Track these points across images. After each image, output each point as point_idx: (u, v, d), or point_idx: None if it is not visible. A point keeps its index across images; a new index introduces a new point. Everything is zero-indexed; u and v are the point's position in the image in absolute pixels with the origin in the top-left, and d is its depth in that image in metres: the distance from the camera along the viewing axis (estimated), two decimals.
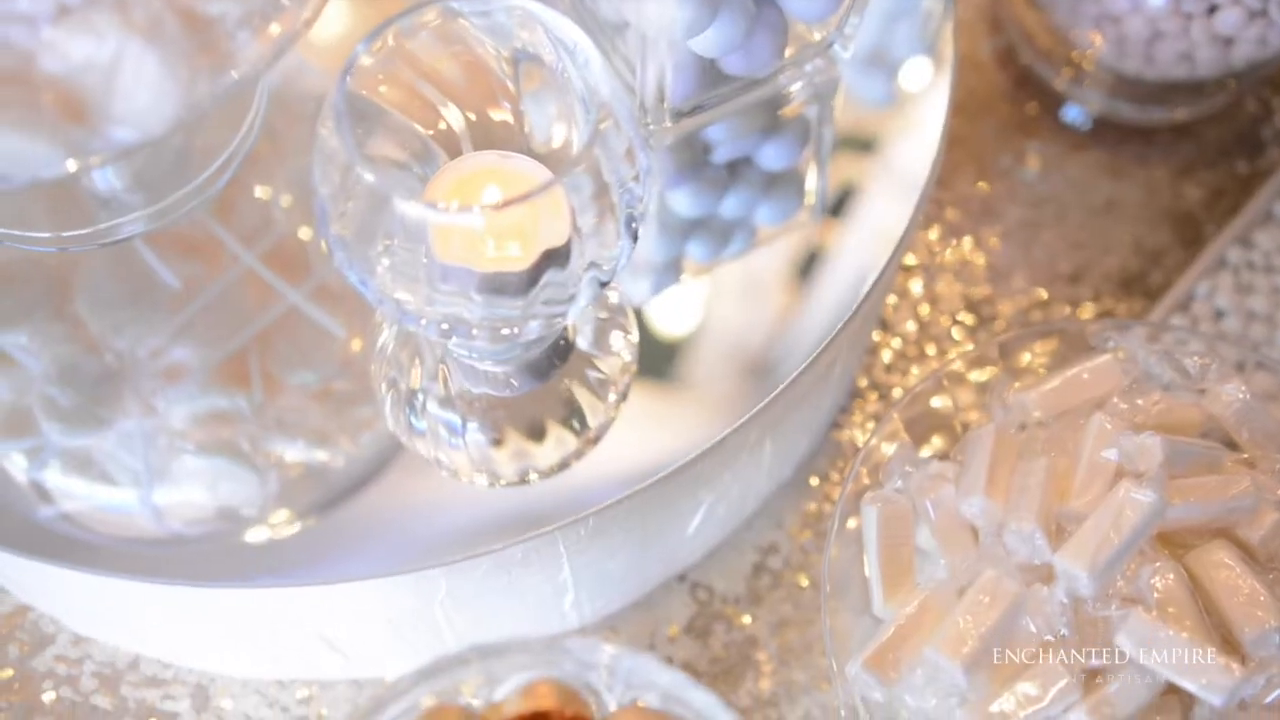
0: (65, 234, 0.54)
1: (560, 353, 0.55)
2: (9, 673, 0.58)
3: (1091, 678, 0.48)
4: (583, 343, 0.56)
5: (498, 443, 0.55)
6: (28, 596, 0.60)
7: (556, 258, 0.47)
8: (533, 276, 0.47)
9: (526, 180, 0.47)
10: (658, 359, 0.55)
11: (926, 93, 0.59)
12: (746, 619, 0.60)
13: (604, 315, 0.57)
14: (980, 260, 0.70)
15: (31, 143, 0.43)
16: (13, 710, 0.58)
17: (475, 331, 0.46)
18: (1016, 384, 0.55)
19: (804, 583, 0.61)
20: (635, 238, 0.47)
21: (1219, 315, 0.65)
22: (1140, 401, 0.53)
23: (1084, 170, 0.73)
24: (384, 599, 0.50)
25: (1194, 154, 0.73)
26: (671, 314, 0.57)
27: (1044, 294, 0.69)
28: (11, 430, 0.60)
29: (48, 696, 0.58)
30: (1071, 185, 0.72)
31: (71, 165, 0.41)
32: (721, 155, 0.60)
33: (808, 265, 0.57)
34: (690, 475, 0.50)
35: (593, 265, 0.47)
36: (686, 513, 0.54)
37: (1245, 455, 0.52)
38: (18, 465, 0.60)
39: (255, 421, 0.61)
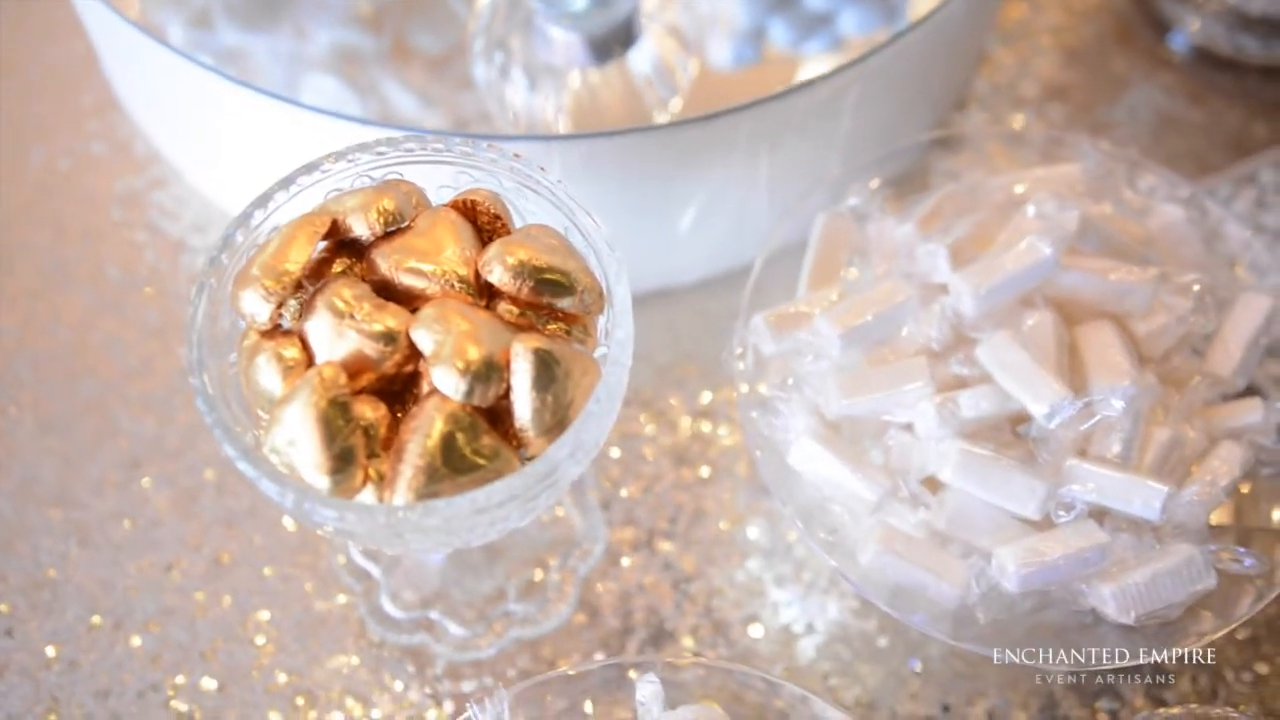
0: None
1: (622, 40, 0.65)
2: (124, 197, 0.72)
3: (950, 385, 0.54)
4: (645, 49, 0.65)
5: (553, 100, 0.65)
6: (162, 145, 0.73)
7: None
8: None
9: None
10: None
11: None
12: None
13: (669, 36, 0.67)
14: (1038, 132, 0.76)
15: None
16: (126, 223, 0.71)
17: None
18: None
19: None
20: None
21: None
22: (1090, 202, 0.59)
23: (1166, 87, 0.78)
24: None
25: (1275, 98, 0.77)
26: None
27: None
28: (196, 23, 0.74)
29: (152, 219, 0.72)
30: (1149, 96, 0.77)
31: None
32: None
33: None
34: (678, 142, 0.59)
35: None
36: (679, 199, 0.63)
37: (1165, 268, 0.57)
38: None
39: (376, 65, 0.73)
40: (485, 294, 0.48)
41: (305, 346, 0.46)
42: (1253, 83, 0.77)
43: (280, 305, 0.46)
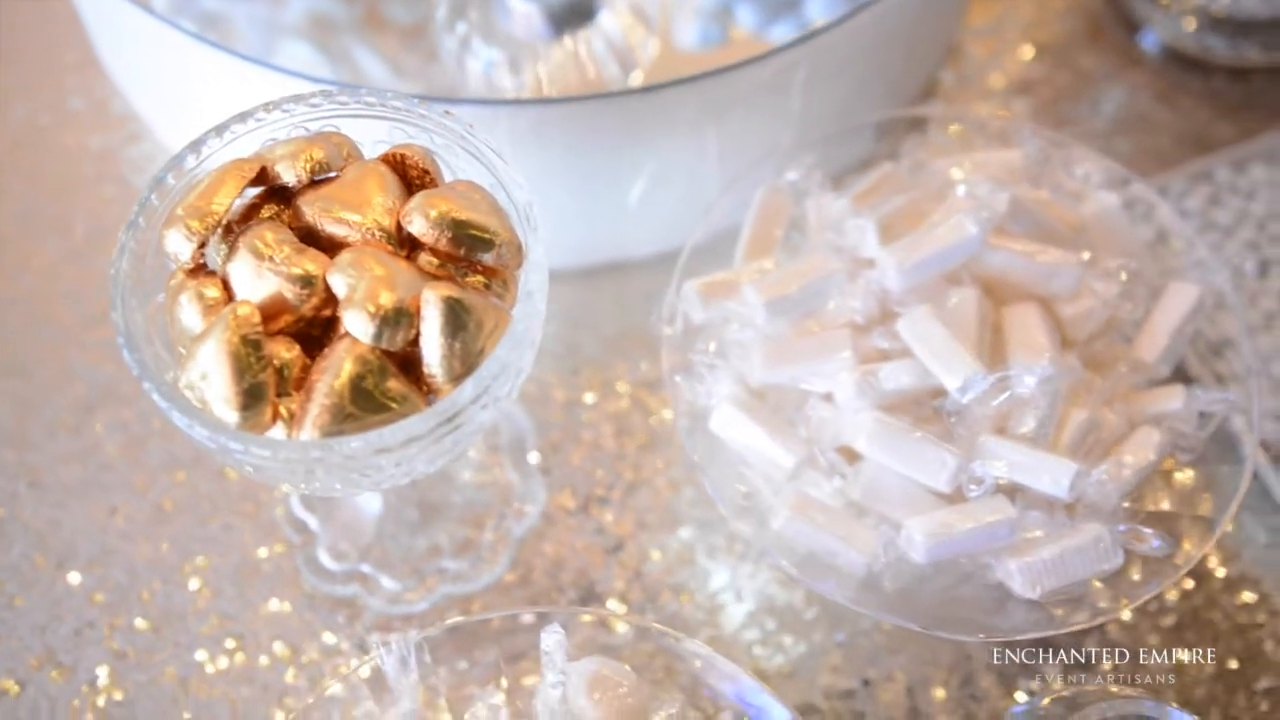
0: None
1: (581, 14, 0.66)
2: (99, 153, 0.74)
3: (873, 357, 0.55)
4: (606, 24, 0.67)
5: (513, 71, 0.66)
6: (138, 104, 0.75)
7: None
8: None
9: None
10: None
11: None
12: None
13: (630, 13, 0.68)
14: (992, 119, 0.76)
15: None
16: (98, 178, 0.73)
17: None
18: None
19: None
20: None
21: (1184, 215, 0.70)
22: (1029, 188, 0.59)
23: (1134, 86, 0.78)
24: None
25: (1241, 99, 0.77)
26: None
27: None
28: None
29: (123, 175, 0.73)
30: (1117, 93, 0.78)
31: None
32: None
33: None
34: (625, 112, 0.60)
35: None
36: (628, 171, 0.64)
37: (1095, 253, 0.57)
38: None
39: (349, 33, 0.74)
40: (407, 245, 0.49)
41: (227, 287, 0.48)
42: (1220, 83, 0.78)
43: (203, 245, 0.47)
